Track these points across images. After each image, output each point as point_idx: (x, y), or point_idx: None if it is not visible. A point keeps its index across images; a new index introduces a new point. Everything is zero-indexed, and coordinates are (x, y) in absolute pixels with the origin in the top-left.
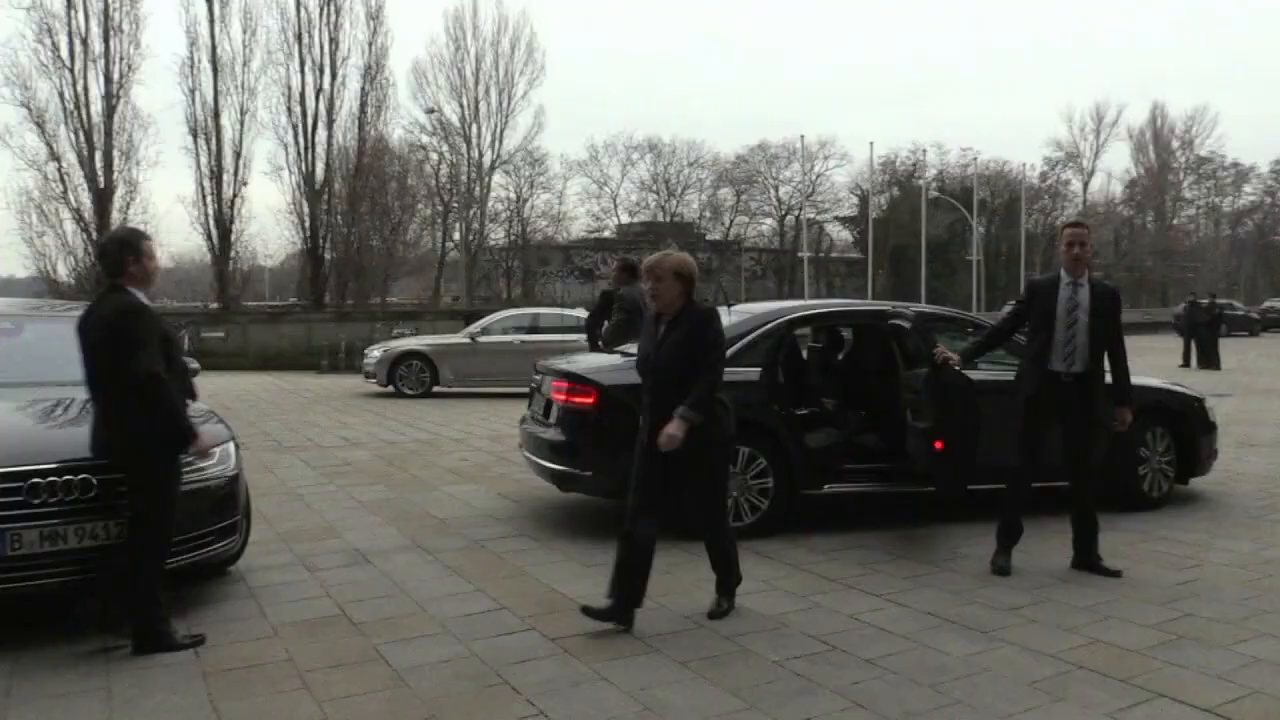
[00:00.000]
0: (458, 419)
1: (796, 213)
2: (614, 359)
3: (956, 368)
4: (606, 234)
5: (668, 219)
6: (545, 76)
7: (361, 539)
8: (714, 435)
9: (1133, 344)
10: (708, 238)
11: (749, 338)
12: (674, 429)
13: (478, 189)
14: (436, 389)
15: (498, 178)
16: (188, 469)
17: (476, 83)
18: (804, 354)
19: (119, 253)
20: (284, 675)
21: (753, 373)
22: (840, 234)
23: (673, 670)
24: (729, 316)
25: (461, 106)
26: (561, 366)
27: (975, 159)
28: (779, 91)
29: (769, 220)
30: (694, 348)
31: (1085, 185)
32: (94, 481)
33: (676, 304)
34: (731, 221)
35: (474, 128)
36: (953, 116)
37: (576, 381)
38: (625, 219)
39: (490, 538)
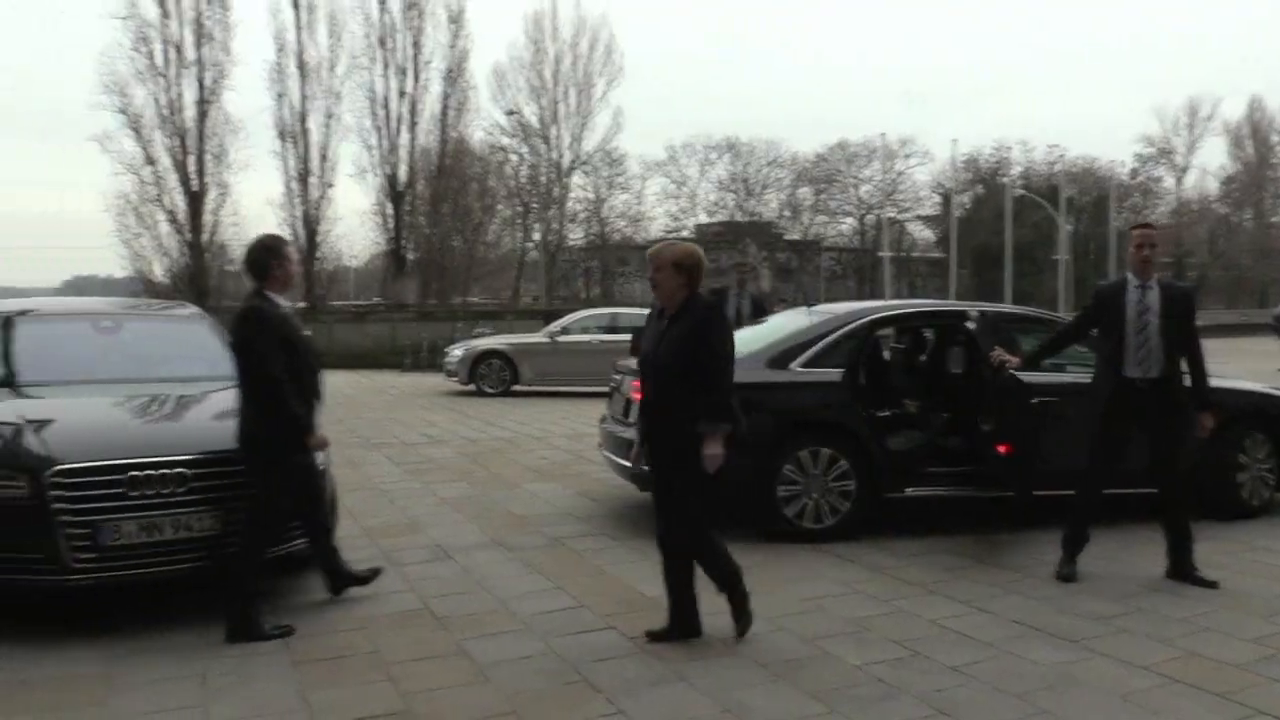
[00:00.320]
0: (538, 418)
1: (877, 212)
2: None
3: (1011, 370)
4: (685, 234)
5: (746, 219)
6: (624, 77)
7: (444, 535)
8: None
9: (1230, 346)
10: (786, 237)
11: (831, 338)
12: (713, 448)
13: (557, 190)
14: (516, 388)
15: (576, 178)
16: None
17: (555, 84)
18: (886, 355)
19: (264, 258)
20: (370, 667)
21: (835, 374)
22: (922, 233)
23: (753, 672)
24: (810, 318)
25: (540, 108)
26: None
27: (1062, 156)
28: (837, 93)
29: (849, 219)
30: (696, 343)
31: (1178, 182)
32: (188, 475)
33: (678, 297)
34: (811, 221)
35: (553, 129)
36: (1019, 116)
37: None
38: (704, 219)
39: (570, 536)
